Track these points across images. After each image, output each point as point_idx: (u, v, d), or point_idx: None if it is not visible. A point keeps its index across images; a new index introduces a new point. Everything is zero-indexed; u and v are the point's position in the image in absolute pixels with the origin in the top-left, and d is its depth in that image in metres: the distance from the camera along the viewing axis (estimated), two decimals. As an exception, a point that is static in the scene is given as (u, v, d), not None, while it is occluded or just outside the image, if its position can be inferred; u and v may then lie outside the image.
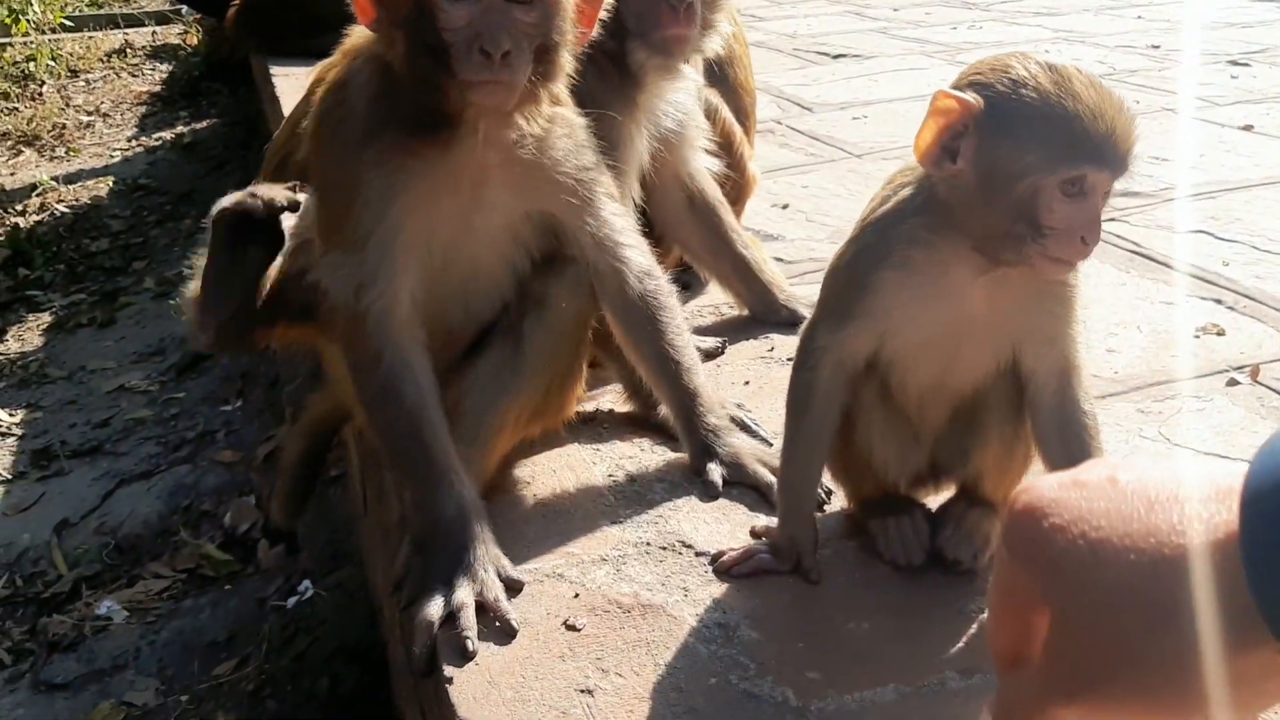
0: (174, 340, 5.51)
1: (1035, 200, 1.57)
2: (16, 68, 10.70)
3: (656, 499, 2.13)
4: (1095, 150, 1.55)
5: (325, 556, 3.65)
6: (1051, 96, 1.55)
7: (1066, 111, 1.54)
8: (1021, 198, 1.58)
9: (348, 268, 1.95)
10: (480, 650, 1.72)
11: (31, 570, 3.87)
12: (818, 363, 1.81)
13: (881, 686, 1.64)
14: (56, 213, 7.43)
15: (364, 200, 1.92)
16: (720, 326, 2.90)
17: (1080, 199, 1.57)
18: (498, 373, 2.09)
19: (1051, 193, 1.57)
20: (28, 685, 3.35)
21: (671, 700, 1.62)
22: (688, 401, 2.21)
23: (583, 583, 1.88)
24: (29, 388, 5.18)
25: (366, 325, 1.94)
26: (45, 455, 4.55)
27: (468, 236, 2.04)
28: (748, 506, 2.10)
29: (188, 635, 3.45)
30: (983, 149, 1.60)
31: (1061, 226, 1.57)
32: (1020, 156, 1.57)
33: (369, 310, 1.94)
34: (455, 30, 1.79)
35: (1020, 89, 1.57)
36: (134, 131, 9.29)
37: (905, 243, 1.71)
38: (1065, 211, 1.57)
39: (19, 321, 5.94)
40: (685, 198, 2.81)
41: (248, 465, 4.31)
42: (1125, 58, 5.91)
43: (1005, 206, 1.59)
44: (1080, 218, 1.57)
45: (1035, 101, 1.56)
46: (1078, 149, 1.55)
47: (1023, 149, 1.57)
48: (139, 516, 4.07)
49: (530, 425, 2.20)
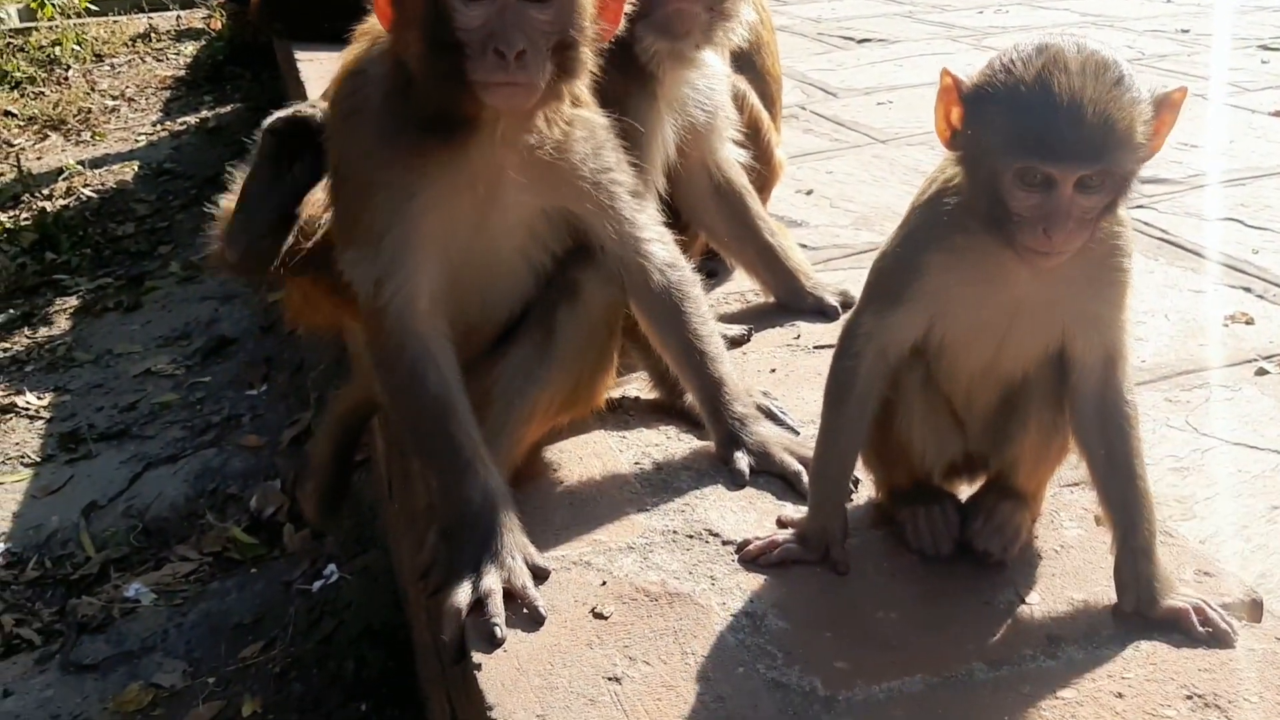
0: (200, 325, 5.55)
1: (997, 186, 1.58)
2: (42, 52, 10.75)
3: (683, 487, 2.13)
4: (1047, 145, 1.53)
5: (350, 541, 3.67)
6: (1023, 85, 1.54)
7: (1029, 102, 1.53)
8: (988, 181, 1.59)
9: (365, 263, 1.95)
10: (508, 637, 1.73)
11: (60, 552, 3.91)
12: (861, 349, 1.80)
13: (909, 677, 1.64)
14: (83, 197, 7.47)
15: (380, 199, 1.91)
16: (746, 314, 2.90)
17: (1044, 190, 1.56)
18: (528, 362, 2.09)
19: (1010, 180, 1.57)
20: (57, 666, 3.39)
21: (699, 689, 1.62)
22: (714, 391, 2.21)
23: (610, 571, 1.89)
24: (57, 371, 5.22)
25: (387, 318, 1.94)
26: (73, 438, 4.59)
27: (485, 234, 2.03)
28: (774, 495, 2.10)
29: (215, 618, 3.48)
30: (965, 127, 1.63)
31: (1026, 215, 1.57)
32: (985, 139, 1.59)
33: (389, 304, 1.94)
34: (470, 31, 1.77)
35: (1001, 73, 1.57)
36: (158, 116, 9.33)
37: (950, 226, 1.71)
38: (1028, 201, 1.57)
39: (46, 305, 5.98)
40: (712, 186, 2.80)
41: (273, 449, 4.34)
42: (1154, 42, 5.86)
43: (981, 189, 1.61)
44: (1042, 209, 1.56)
45: (1006, 87, 1.56)
46: (1029, 141, 1.54)
47: (988, 132, 1.59)
48: (166, 499, 4.11)
49: (560, 414, 2.20)
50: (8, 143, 8.73)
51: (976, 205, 1.65)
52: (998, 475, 1.91)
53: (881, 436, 1.91)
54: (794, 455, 2.14)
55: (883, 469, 1.99)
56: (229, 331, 5.45)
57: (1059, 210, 1.56)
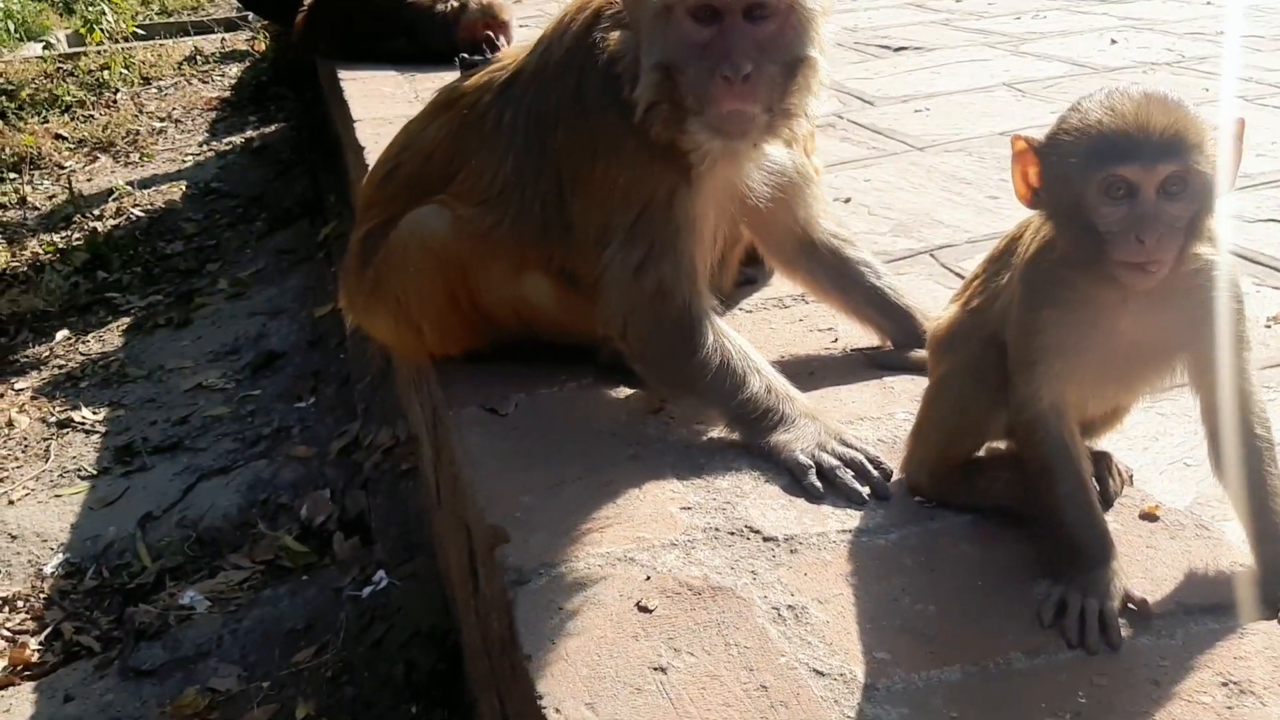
0: (249, 340, 5.66)
1: (1084, 208, 1.68)
2: (91, 76, 11.00)
3: (723, 485, 2.17)
4: (1122, 149, 1.65)
5: (399, 548, 3.73)
6: (1091, 114, 1.69)
7: (1098, 121, 1.68)
8: (1075, 210, 1.70)
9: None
10: (557, 630, 1.78)
11: (117, 562, 4.01)
12: (1034, 416, 1.85)
13: (948, 666, 1.67)
14: (132, 217, 7.64)
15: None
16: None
17: (1129, 199, 1.66)
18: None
19: (1096, 197, 1.67)
20: (116, 672, 3.48)
21: (743, 678, 1.67)
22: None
23: (654, 566, 1.93)
24: (111, 387, 5.35)
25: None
26: (128, 451, 4.71)
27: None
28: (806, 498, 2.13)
29: (268, 624, 3.56)
30: (1044, 176, 1.76)
31: (1116, 229, 1.67)
32: (1065, 172, 1.71)
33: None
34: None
35: (1071, 114, 1.73)
36: (205, 136, 9.52)
37: (1053, 282, 1.80)
38: (1115, 214, 1.67)
39: (100, 324, 6.13)
40: (799, 249, 2.71)
41: (322, 460, 4.42)
42: (1194, 45, 5.85)
43: (1070, 223, 1.73)
44: (1130, 217, 1.66)
45: (1077, 122, 1.71)
46: (1105, 151, 1.66)
47: (1066, 165, 1.70)
48: (219, 510, 4.20)
49: None
50: (59, 165, 8.94)
51: (1070, 246, 1.75)
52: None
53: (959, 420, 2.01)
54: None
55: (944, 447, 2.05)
56: (277, 346, 5.56)
57: (1146, 214, 1.65)
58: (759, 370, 2.37)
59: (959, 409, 2.01)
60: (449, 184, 2.67)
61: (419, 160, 2.77)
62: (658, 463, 2.28)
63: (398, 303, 2.70)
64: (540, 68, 2.58)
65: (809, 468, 2.17)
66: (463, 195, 2.63)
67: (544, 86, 2.54)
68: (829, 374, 2.63)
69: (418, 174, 2.75)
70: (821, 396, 2.47)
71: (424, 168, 2.74)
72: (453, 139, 2.71)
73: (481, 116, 2.65)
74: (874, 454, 2.21)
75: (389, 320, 2.77)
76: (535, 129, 2.55)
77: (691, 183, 2.37)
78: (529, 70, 2.61)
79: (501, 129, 2.61)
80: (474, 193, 2.62)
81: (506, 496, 2.17)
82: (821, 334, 2.85)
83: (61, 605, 3.82)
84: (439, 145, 2.73)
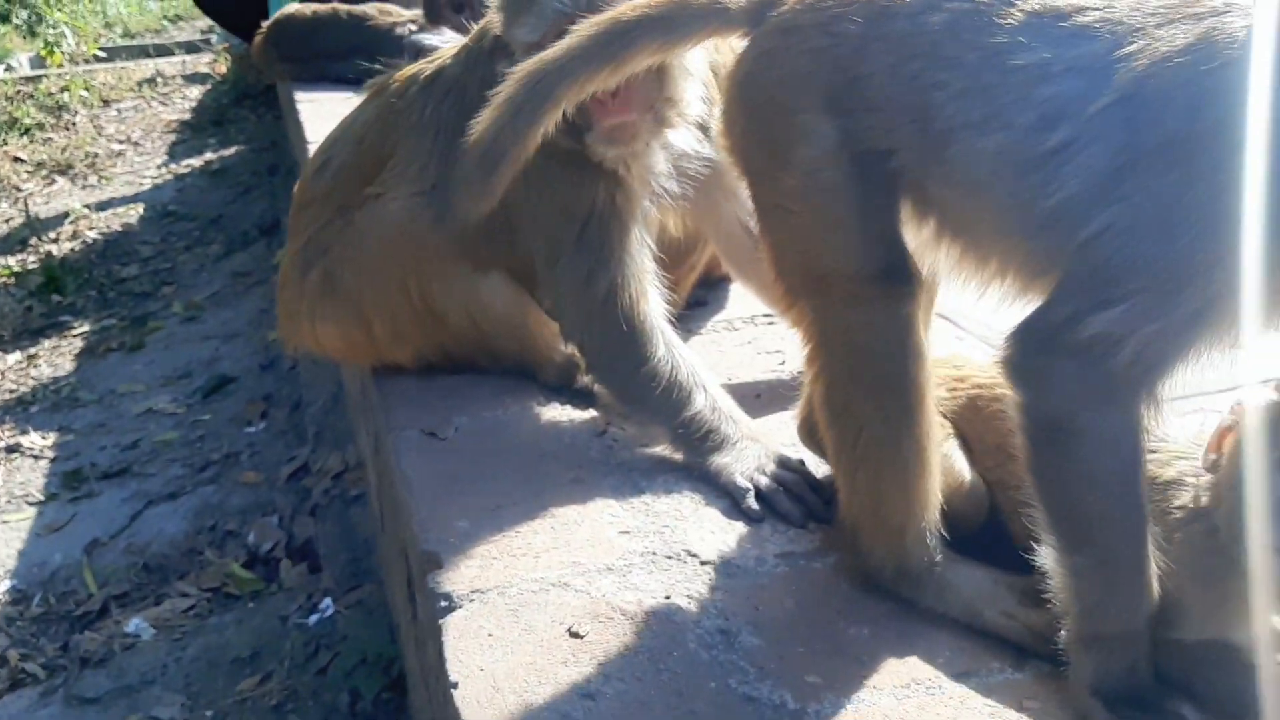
0: (201, 363, 5.61)
1: None
2: (51, 99, 10.93)
3: (663, 509, 2.16)
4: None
5: (346, 574, 3.69)
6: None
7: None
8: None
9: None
10: (486, 657, 1.76)
11: (63, 589, 3.94)
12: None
13: (879, 689, 1.66)
14: (88, 239, 7.57)
15: None
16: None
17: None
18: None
19: None
20: (60, 699, 3.42)
21: (672, 704, 1.65)
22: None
23: (588, 591, 1.92)
24: (61, 411, 5.28)
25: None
26: (76, 477, 4.64)
27: None
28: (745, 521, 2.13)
29: (213, 652, 3.50)
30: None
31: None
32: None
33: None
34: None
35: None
36: (164, 159, 9.46)
37: None
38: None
39: (52, 348, 6.05)
40: (743, 229, 2.70)
41: (271, 485, 4.38)
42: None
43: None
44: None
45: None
46: None
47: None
48: (166, 536, 4.14)
49: None
50: (16, 188, 8.86)
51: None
52: None
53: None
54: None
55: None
56: (229, 370, 5.51)
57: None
58: (705, 388, 2.38)
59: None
60: (381, 169, 2.70)
61: (351, 146, 2.81)
62: (599, 485, 2.27)
63: (349, 298, 2.70)
64: (459, 75, 2.64)
65: (747, 491, 2.16)
66: (396, 182, 2.67)
67: (461, 99, 2.56)
68: (775, 397, 2.62)
69: (351, 160, 2.78)
70: (766, 420, 2.46)
71: (356, 153, 2.78)
72: (382, 124, 2.75)
73: (410, 105, 2.70)
74: (815, 478, 2.21)
75: (337, 323, 2.76)
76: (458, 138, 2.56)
77: (622, 185, 2.43)
78: (450, 75, 2.67)
79: (425, 122, 2.65)
80: (408, 180, 2.66)
81: (443, 521, 2.15)
82: (769, 356, 2.85)
83: (7, 632, 3.75)
84: (369, 130, 2.78)
